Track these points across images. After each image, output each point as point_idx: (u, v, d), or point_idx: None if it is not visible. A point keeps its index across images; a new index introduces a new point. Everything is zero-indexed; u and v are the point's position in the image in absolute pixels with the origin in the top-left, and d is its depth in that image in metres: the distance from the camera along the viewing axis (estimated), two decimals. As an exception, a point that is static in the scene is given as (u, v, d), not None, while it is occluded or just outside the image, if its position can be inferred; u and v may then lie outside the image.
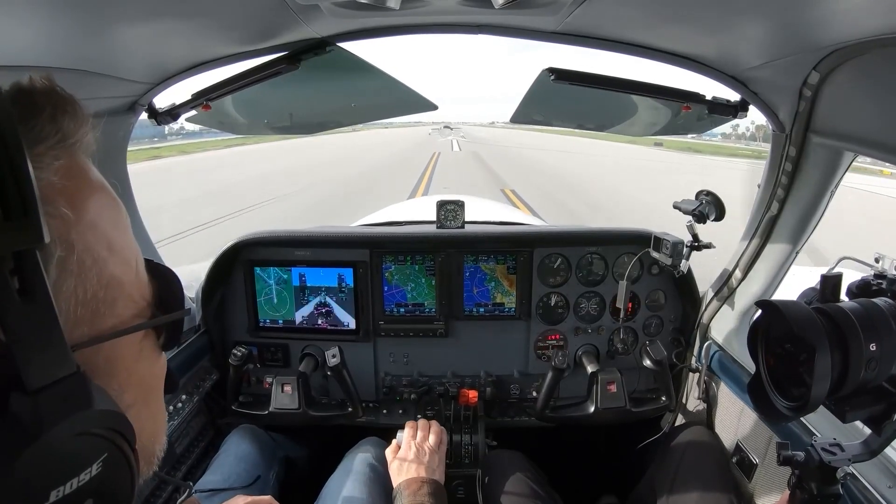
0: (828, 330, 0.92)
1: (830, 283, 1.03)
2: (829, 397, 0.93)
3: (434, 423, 1.91)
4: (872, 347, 0.90)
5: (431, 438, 1.82)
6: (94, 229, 0.47)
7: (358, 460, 1.89)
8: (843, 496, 1.18)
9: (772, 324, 1.05)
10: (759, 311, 1.08)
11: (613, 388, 2.10)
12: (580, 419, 2.14)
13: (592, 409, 2.09)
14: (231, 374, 2.16)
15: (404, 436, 1.84)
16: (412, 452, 1.74)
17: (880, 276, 1.04)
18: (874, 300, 0.97)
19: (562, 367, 2.04)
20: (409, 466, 1.69)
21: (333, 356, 2.00)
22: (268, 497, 1.52)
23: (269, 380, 2.27)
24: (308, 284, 2.32)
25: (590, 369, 2.20)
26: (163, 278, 0.61)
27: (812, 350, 0.90)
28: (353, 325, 2.36)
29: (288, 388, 2.11)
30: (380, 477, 1.82)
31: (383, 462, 1.88)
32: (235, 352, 2.12)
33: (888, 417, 1.01)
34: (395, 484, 1.67)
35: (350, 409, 2.16)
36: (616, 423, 2.18)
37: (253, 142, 47.49)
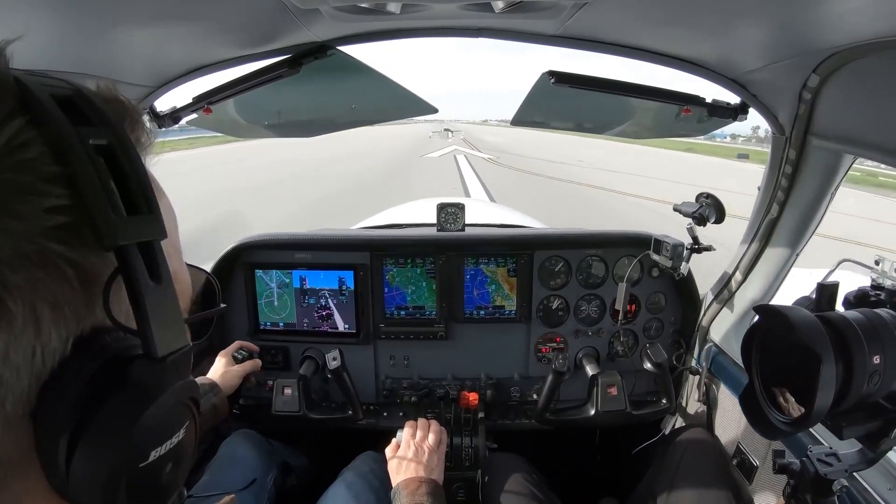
0: (832, 339, 0.87)
1: (827, 291, 0.99)
2: (829, 411, 0.89)
3: (434, 423, 1.89)
4: (876, 360, 0.86)
5: (431, 438, 1.81)
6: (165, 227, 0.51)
7: (355, 474, 1.89)
8: None
9: (771, 330, 1.00)
10: (756, 317, 1.03)
11: (614, 390, 2.08)
12: (580, 422, 2.12)
13: (593, 411, 2.07)
14: None
15: (403, 435, 1.83)
16: (411, 451, 1.73)
17: (878, 287, 1.00)
18: (876, 311, 0.92)
19: (562, 370, 2.02)
20: (408, 465, 1.68)
21: (334, 359, 1.99)
22: None
23: (269, 382, 2.26)
24: (309, 287, 2.32)
25: (590, 372, 2.19)
26: (200, 278, 0.67)
27: (815, 360, 0.85)
28: (353, 328, 2.36)
29: (288, 391, 2.09)
30: (376, 490, 1.83)
31: (380, 476, 1.87)
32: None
33: (885, 435, 0.97)
34: (393, 483, 1.67)
35: (350, 413, 2.15)
36: (616, 426, 2.17)
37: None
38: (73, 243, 0.41)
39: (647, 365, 2.07)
